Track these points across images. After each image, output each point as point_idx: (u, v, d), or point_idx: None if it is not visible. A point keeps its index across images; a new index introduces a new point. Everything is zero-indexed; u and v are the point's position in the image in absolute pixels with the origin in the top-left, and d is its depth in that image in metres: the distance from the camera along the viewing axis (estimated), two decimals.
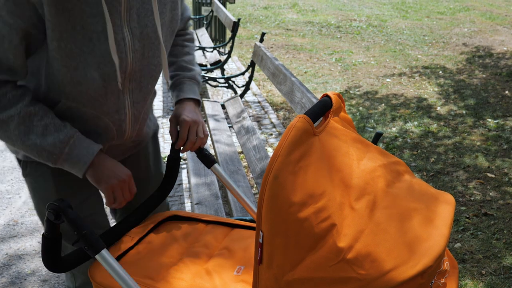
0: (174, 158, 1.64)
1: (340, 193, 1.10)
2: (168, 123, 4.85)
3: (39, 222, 3.20)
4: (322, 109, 1.25)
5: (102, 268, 1.35)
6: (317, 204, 1.04)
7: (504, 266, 2.77)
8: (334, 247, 1.02)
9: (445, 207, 1.21)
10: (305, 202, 1.03)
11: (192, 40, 1.84)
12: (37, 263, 2.83)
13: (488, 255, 2.87)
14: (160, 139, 4.50)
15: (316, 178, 1.07)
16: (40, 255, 1.87)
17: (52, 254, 1.24)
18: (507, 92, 5.77)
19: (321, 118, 1.27)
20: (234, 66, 7.18)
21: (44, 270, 2.78)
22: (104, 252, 1.21)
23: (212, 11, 6.94)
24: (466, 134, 4.58)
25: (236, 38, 8.53)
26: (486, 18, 10.63)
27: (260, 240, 1.04)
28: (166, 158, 3.60)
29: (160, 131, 4.70)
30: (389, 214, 1.11)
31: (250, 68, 4.37)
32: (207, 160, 1.66)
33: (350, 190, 1.12)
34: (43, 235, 1.23)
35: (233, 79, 5.34)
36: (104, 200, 1.74)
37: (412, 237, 1.08)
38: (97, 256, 1.21)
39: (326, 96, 1.29)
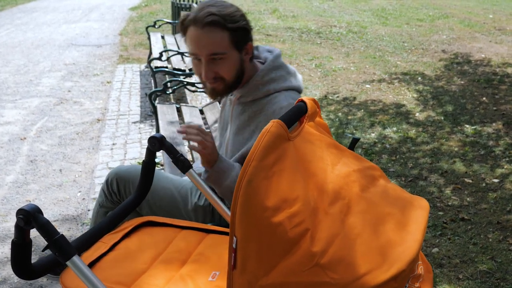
0: (149, 163, 1.62)
1: (314, 198, 1.09)
2: (145, 128, 4.82)
3: (12, 229, 3.13)
4: (297, 114, 1.25)
5: (73, 275, 1.32)
6: (291, 209, 1.03)
7: (481, 271, 2.80)
8: (307, 252, 1.01)
9: (419, 212, 1.21)
10: (279, 207, 1.02)
11: None
12: (8, 271, 2.77)
13: (465, 260, 2.89)
14: (137, 145, 4.47)
15: (290, 183, 1.07)
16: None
17: (21, 260, 1.22)
18: (484, 98, 5.85)
19: (296, 123, 1.26)
20: None
21: (16, 278, 2.72)
22: (75, 258, 1.18)
23: None
24: (444, 140, 4.63)
25: None
26: (464, 25, 10.77)
27: (234, 245, 1.03)
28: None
29: (137, 136, 4.67)
30: (363, 219, 1.11)
31: None
32: (183, 165, 1.64)
33: (324, 195, 1.11)
34: (12, 241, 1.20)
35: None
36: None
37: (385, 242, 1.08)
38: (68, 263, 1.18)
39: (301, 101, 1.29)
